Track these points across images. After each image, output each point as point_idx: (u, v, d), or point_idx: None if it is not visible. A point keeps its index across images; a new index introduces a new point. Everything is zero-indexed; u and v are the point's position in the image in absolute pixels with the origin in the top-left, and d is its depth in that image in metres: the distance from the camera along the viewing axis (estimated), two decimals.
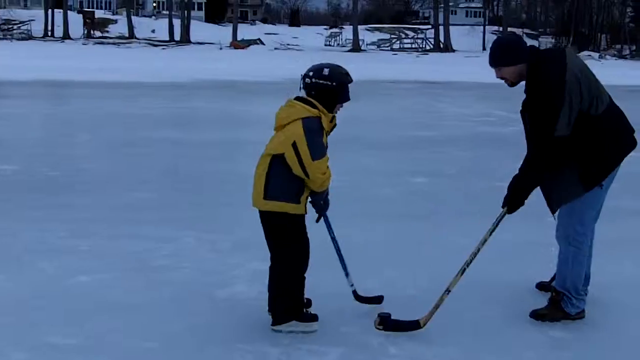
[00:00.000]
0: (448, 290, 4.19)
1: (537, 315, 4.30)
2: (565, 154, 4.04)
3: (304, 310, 4.10)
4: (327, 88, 3.89)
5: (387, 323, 4.08)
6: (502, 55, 4.14)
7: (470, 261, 4.26)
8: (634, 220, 6.79)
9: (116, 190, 7.54)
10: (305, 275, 4.03)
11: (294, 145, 3.79)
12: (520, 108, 4.24)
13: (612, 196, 5.29)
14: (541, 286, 4.79)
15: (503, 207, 4.31)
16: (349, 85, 3.99)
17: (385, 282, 4.85)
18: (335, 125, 4.05)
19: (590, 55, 52.07)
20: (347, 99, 4.01)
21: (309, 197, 3.99)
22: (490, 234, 4.33)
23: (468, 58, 47.52)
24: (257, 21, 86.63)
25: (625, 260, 5.52)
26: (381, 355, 3.82)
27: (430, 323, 4.15)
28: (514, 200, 4.22)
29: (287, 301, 4.00)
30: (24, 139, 11.18)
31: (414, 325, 4.07)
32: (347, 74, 4.02)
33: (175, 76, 24.39)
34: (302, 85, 3.98)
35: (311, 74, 3.93)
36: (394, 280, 4.89)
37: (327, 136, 4.00)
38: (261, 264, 5.13)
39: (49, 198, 7.26)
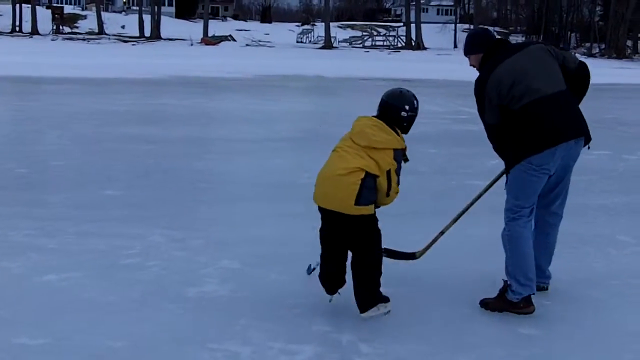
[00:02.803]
0: (442, 232, 4.74)
1: (482, 303, 4.45)
2: (503, 136, 4.47)
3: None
4: (413, 119, 4.39)
5: (389, 252, 4.59)
6: (468, 44, 4.67)
7: (465, 210, 4.79)
8: (605, 217, 6.84)
9: (85, 188, 7.44)
10: None
11: (388, 172, 4.18)
12: None
13: (578, 193, 5.34)
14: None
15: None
16: None
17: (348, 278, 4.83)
18: None
19: None
20: None
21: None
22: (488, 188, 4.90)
23: (440, 56, 47.82)
24: (228, 17, 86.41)
25: (594, 256, 5.56)
26: (353, 353, 3.80)
27: (400, 320, 4.18)
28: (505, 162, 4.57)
29: (375, 287, 4.22)
30: None
31: (409, 256, 4.75)
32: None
33: (145, 72, 24.20)
34: (396, 117, 4.31)
35: (407, 107, 4.32)
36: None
37: None
38: (231, 263, 5.13)
39: (16, 195, 7.15)
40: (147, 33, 56.43)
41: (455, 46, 61.63)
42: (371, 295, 4.21)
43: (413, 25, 59.04)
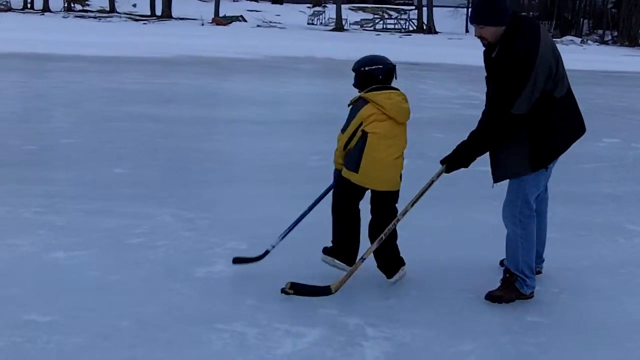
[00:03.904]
0: (362, 259, 4.36)
1: (492, 297, 4.29)
2: (519, 131, 4.01)
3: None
4: None
5: (297, 287, 4.22)
6: (486, 14, 3.98)
7: (392, 227, 4.39)
8: (614, 205, 6.82)
9: (93, 166, 7.46)
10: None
11: None
12: (486, 74, 4.19)
13: (587, 181, 5.32)
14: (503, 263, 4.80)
15: (442, 163, 4.37)
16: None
17: (365, 264, 4.82)
18: None
19: (572, 40, 52.21)
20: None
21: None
22: (421, 195, 4.44)
23: (451, 40, 47.55)
24: None
25: (602, 245, 5.55)
26: (359, 336, 3.81)
27: (406, 305, 4.20)
28: (456, 160, 4.28)
29: (398, 252, 4.51)
30: (0, 113, 11.01)
31: (325, 290, 4.22)
32: None
33: (156, 51, 24.15)
34: (396, 75, 4.47)
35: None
36: (372, 262, 4.87)
37: None
38: (239, 243, 5.14)
39: (25, 172, 7.17)
40: (159, 12, 56.19)
41: (467, 30, 61.17)
42: (397, 259, 4.50)
43: (425, 9, 58.67)
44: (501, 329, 3.99)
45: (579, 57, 33.76)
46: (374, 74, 4.38)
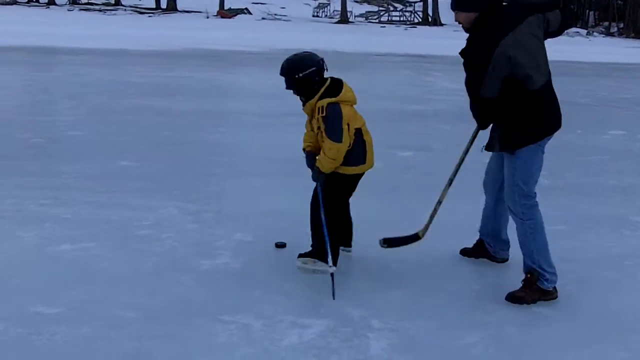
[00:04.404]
0: (439, 202, 4.56)
1: (513, 298, 4.24)
2: (500, 113, 4.20)
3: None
4: None
5: (391, 241, 4.57)
6: (459, 1, 4.19)
7: (456, 172, 4.59)
8: (619, 197, 6.81)
9: (99, 159, 7.47)
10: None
11: None
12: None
13: (593, 173, 5.30)
14: (465, 252, 4.92)
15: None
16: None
17: (369, 255, 4.85)
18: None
19: (578, 32, 52.04)
20: None
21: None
22: (468, 150, 4.61)
23: (457, 32, 47.30)
24: None
25: (608, 237, 5.54)
26: (364, 328, 3.82)
27: (412, 296, 4.21)
28: (478, 122, 4.41)
29: (323, 245, 4.44)
30: (6, 105, 11.04)
31: (414, 238, 4.61)
32: None
33: (161, 44, 24.16)
34: (326, 67, 4.45)
35: None
36: (377, 253, 4.89)
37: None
38: (244, 236, 5.15)
39: (31, 165, 7.19)
40: (164, 5, 56.17)
41: None
42: (319, 249, 4.51)
43: (430, 1, 58.51)
44: (507, 321, 3.99)
45: (585, 49, 33.67)
46: (310, 79, 4.33)
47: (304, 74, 4.30)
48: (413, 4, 64.86)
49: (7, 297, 4.02)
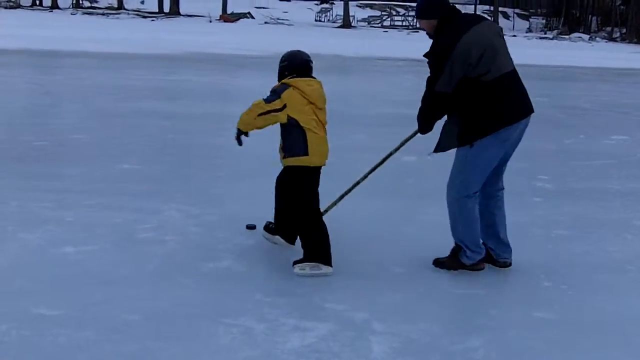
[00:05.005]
0: (342, 196, 5.01)
1: (437, 262, 4.70)
2: (452, 109, 4.50)
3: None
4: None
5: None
6: (420, 9, 4.59)
7: (366, 176, 5.03)
8: (622, 201, 6.80)
9: (102, 162, 7.48)
10: None
11: None
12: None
13: (595, 178, 5.25)
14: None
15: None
16: None
17: (373, 259, 4.85)
18: None
19: (580, 37, 52.01)
20: None
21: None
22: (395, 151, 5.00)
23: None
24: None
25: (611, 241, 5.54)
26: (366, 331, 3.82)
27: (414, 300, 4.23)
28: (419, 124, 4.74)
29: (318, 247, 4.58)
30: (10, 108, 11.06)
31: None
32: None
33: (164, 48, 24.20)
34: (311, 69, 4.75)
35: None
36: (381, 257, 4.90)
37: None
38: (247, 239, 5.15)
39: (34, 167, 7.20)
40: (167, 9, 56.27)
41: None
42: (314, 252, 4.58)
43: None
44: (509, 325, 3.99)
45: (588, 54, 33.66)
46: (281, 71, 4.71)
47: (281, 65, 4.70)
48: (414, 9, 64.81)
49: (10, 298, 4.02)
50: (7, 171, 6.97)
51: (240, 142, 4.83)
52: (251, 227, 5.28)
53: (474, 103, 4.38)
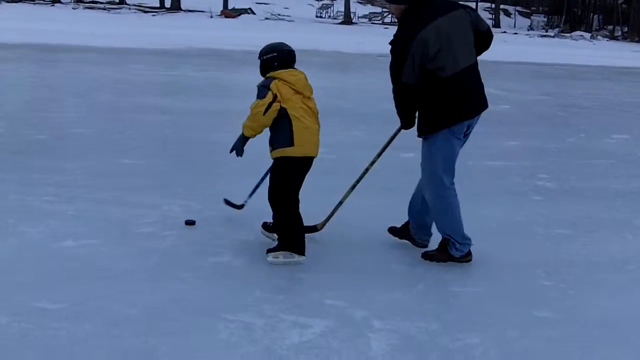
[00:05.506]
0: (341, 202, 4.99)
1: (426, 255, 4.78)
2: (418, 99, 4.56)
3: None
4: None
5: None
6: None
7: (361, 178, 5.01)
8: (623, 201, 6.80)
9: (103, 156, 7.48)
10: None
11: None
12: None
13: (596, 177, 5.20)
14: (392, 230, 5.13)
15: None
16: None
17: (372, 256, 4.86)
18: None
19: (582, 36, 51.98)
20: None
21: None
22: (382, 151, 5.04)
23: None
24: None
25: (611, 241, 5.54)
26: (365, 328, 3.82)
27: (413, 298, 4.22)
28: (401, 120, 4.77)
29: (292, 237, 4.65)
30: (11, 102, 11.06)
31: (312, 229, 4.93)
32: None
33: (165, 43, 24.19)
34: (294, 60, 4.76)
35: None
36: (380, 254, 4.90)
37: None
38: (247, 235, 5.16)
39: (35, 161, 7.20)
40: (168, 4, 56.23)
41: None
42: (289, 240, 4.65)
43: None
44: (508, 323, 3.98)
45: (589, 52, 33.64)
46: (269, 62, 4.67)
47: (266, 57, 4.67)
48: None
49: (10, 291, 4.02)
50: (7, 165, 6.97)
51: (241, 152, 4.83)
52: (190, 222, 5.29)
53: (430, 98, 4.48)
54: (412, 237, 5.01)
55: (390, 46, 4.50)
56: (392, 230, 5.12)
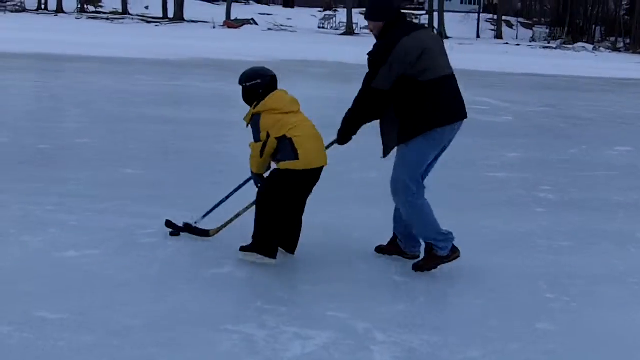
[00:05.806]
0: (238, 214, 5.14)
1: (416, 267, 4.77)
2: (387, 107, 4.65)
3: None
4: None
5: (174, 225, 5.21)
6: (369, 11, 4.81)
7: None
8: (625, 213, 6.79)
9: (105, 166, 7.49)
10: None
11: None
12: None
13: (598, 189, 5.19)
14: (380, 249, 5.12)
15: (337, 137, 4.93)
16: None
17: (374, 267, 4.85)
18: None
19: (584, 47, 52.03)
20: None
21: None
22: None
23: (462, 45, 47.42)
24: (251, 1, 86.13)
25: (613, 253, 5.53)
26: (368, 341, 3.81)
27: (416, 310, 4.21)
28: (342, 131, 4.87)
29: (266, 237, 4.70)
30: (15, 112, 11.09)
31: (204, 233, 5.14)
32: None
33: (167, 54, 24.24)
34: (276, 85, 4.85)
35: None
36: (382, 266, 4.89)
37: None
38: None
39: (37, 171, 7.20)
40: (171, 14, 56.44)
41: (478, 36, 61.23)
42: (262, 242, 4.72)
43: (436, 14, 58.66)
44: (510, 336, 3.97)
45: (591, 64, 33.67)
46: (254, 90, 4.76)
47: (250, 84, 4.78)
48: (419, 17, 65.01)
49: (12, 301, 4.02)
50: (10, 174, 6.97)
51: (263, 178, 4.89)
52: (175, 234, 5.29)
53: (410, 103, 4.55)
54: (402, 252, 5.00)
55: (368, 57, 4.64)
56: (381, 249, 5.11)
